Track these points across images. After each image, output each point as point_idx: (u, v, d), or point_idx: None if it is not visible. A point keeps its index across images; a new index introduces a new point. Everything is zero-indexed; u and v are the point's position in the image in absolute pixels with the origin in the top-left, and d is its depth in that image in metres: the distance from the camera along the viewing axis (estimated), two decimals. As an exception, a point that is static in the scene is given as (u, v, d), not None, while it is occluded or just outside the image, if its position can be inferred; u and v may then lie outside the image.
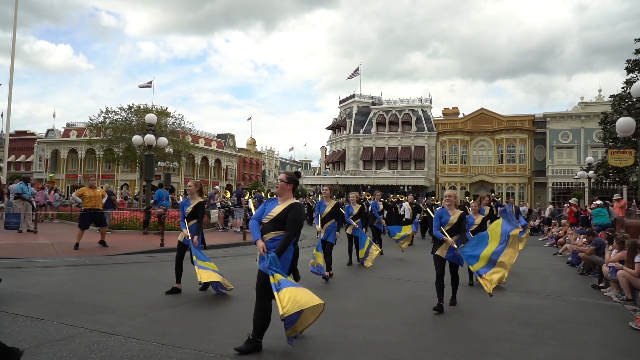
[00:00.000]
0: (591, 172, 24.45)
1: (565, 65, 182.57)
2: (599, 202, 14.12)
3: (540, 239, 19.88)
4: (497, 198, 17.00)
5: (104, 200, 13.14)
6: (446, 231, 6.21)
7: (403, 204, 17.97)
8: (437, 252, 6.28)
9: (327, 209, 8.57)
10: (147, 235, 14.36)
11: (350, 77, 50.06)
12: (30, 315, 5.09)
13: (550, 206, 25.76)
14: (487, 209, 9.88)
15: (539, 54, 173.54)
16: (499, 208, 15.61)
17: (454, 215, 6.29)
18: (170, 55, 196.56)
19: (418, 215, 17.19)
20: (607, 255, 8.55)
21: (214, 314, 5.67)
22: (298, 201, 4.49)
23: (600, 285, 8.39)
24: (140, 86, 40.73)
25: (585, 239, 11.27)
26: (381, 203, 13.06)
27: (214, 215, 18.30)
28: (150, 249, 11.49)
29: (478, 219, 8.18)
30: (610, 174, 25.45)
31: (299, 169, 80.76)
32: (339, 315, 5.84)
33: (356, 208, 10.04)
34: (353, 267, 10.05)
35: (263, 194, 22.77)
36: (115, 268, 8.99)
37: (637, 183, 24.15)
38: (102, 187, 16.38)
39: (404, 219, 16.74)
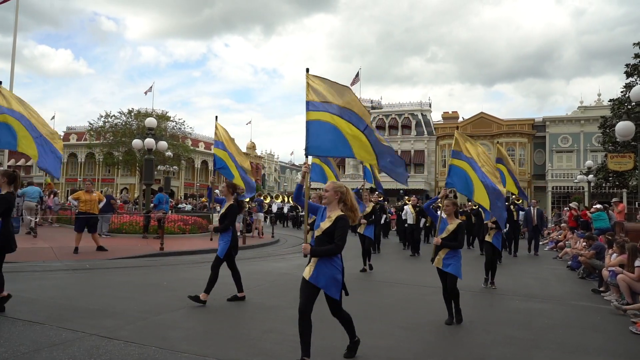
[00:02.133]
0: (591, 176, 24.47)
1: (564, 69, 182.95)
2: (598, 206, 14.13)
3: (540, 243, 19.84)
4: (518, 201, 15.07)
5: (101, 204, 13.13)
6: (317, 237, 4.15)
7: (405, 207, 15.99)
8: (304, 273, 4.11)
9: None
10: (146, 239, 14.35)
11: (353, 83, 50.24)
12: (30, 320, 5.08)
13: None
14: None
15: (537, 58, 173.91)
16: (520, 212, 14.55)
17: (330, 219, 4.09)
18: (170, 59, 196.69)
19: (423, 220, 16.07)
20: (607, 259, 8.55)
21: (214, 318, 5.66)
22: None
23: (601, 289, 8.38)
24: (146, 92, 40.82)
25: (585, 243, 11.26)
26: (370, 205, 11.18)
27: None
28: (150, 253, 11.47)
29: (452, 225, 5.97)
30: (610, 178, 25.48)
31: (298, 173, 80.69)
32: (338, 319, 5.83)
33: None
34: (354, 272, 9.84)
35: (263, 198, 22.79)
36: (114, 272, 8.98)
37: (637, 187, 24.18)
38: (99, 192, 16.36)
39: (406, 224, 15.22)
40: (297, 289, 3.87)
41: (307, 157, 4.76)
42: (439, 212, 6.32)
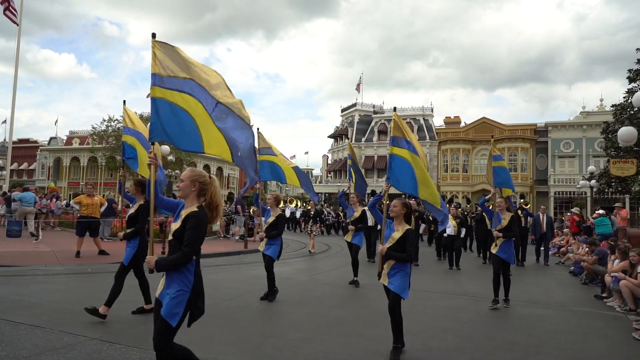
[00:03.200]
0: (593, 182, 24.41)
1: (565, 74, 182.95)
2: (601, 211, 14.08)
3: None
4: (526, 205, 14.05)
5: (103, 208, 13.13)
6: (169, 243, 3.44)
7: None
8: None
9: (270, 219, 7.33)
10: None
11: (358, 87, 50.40)
12: (31, 324, 5.08)
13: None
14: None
15: (538, 63, 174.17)
16: (529, 217, 14.14)
17: (181, 218, 3.27)
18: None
19: (424, 226, 15.47)
20: (610, 265, 8.52)
21: (215, 322, 5.65)
22: None
23: (603, 295, 8.34)
24: (148, 96, 41.10)
25: (587, 249, 11.22)
26: (359, 209, 9.40)
27: (215, 226, 18.29)
28: (152, 257, 11.46)
29: (399, 232, 4.79)
30: (613, 184, 25.41)
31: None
32: (339, 324, 5.83)
33: (274, 214, 7.45)
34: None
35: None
36: (116, 276, 8.97)
37: (639, 192, 24.11)
38: (101, 196, 16.37)
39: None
40: (299, 293, 3.83)
41: (152, 143, 3.86)
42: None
